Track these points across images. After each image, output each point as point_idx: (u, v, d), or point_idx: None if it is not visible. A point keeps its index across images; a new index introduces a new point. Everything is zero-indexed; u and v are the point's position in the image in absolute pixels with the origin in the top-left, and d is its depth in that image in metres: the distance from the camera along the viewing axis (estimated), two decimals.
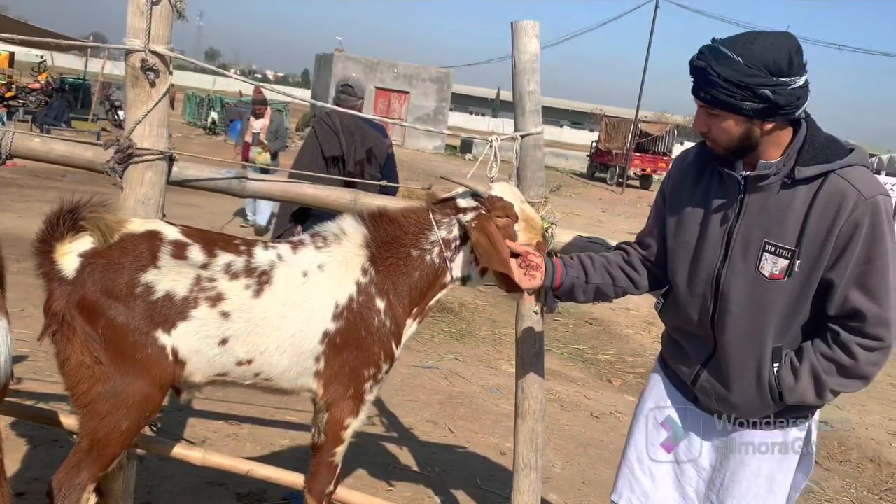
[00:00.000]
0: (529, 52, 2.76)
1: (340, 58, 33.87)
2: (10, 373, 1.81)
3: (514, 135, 2.80)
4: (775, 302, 2.04)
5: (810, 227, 1.98)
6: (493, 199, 2.50)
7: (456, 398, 5.52)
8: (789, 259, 2.00)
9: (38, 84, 22.46)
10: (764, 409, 2.14)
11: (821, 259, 1.98)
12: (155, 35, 2.48)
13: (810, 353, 2.04)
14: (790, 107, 1.95)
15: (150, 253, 2.26)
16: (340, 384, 2.46)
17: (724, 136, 2.03)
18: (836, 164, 1.98)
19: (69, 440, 3.53)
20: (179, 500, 3.40)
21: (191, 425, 4.20)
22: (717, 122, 2.02)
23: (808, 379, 2.04)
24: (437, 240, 2.51)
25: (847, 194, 1.94)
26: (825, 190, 1.97)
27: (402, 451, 4.40)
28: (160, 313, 2.24)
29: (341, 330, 2.41)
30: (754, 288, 2.06)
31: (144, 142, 2.54)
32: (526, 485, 2.90)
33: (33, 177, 12.02)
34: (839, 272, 1.97)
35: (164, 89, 2.54)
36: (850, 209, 1.94)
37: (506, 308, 8.41)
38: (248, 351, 2.34)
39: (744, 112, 1.95)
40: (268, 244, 2.47)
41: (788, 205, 2.01)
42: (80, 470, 2.26)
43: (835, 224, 1.95)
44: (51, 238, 2.23)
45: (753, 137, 2.01)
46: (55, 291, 2.22)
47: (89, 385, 2.20)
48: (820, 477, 5.08)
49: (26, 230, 7.35)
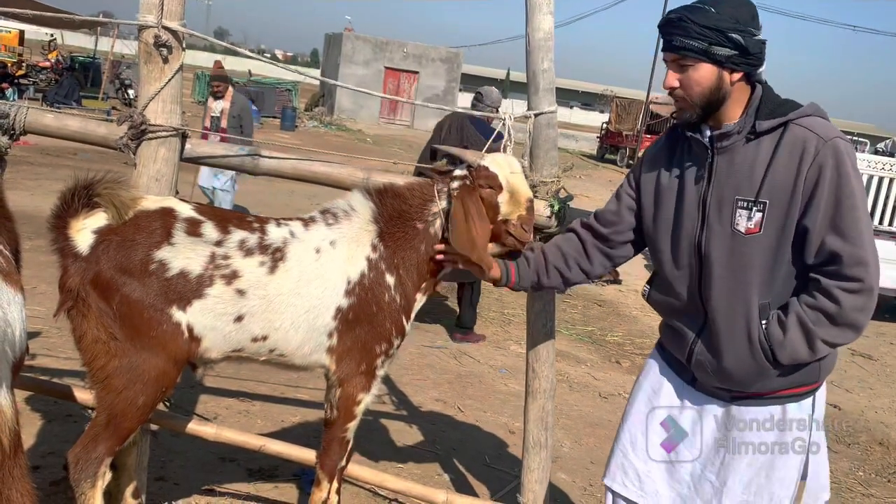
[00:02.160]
0: (543, 30, 2.74)
1: (350, 37, 33.69)
2: (25, 347, 1.83)
3: (528, 113, 2.78)
4: (755, 256, 2.07)
5: (776, 176, 2.02)
6: (478, 169, 2.51)
7: (465, 378, 5.55)
8: (761, 211, 2.04)
9: (48, 62, 22.47)
10: (760, 375, 2.12)
11: (791, 207, 2.01)
12: (168, 11, 2.47)
13: (796, 305, 2.05)
14: (755, 58, 2.04)
15: (164, 230, 2.27)
16: (353, 360, 2.48)
17: (697, 89, 2.08)
18: (792, 114, 2.04)
19: (83, 415, 3.58)
20: (192, 475, 3.44)
21: (203, 401, 4.23)
22: (690, 74, 2.08)
23: (796, 331, 2.04)
24: (439, 210, 2.52)
25: (807, 139, 2.00)
26: (786, 139, 2.03)
27: (410, 430, 4.43)
28: (175, 290, 2.26)
29: (353, 306, 2.43)
30: (733, 246, 2.09)
31: (158, 118, 2.54)
32: (536, 463, 2.92)
33: (45, 155, 12.05)
34: (811, 218, 1.99)
35: (177, 66, 2.54)
36: (812, 153, 1.98)
37: None
38: (263, 327, 2.36)
39: (716, 57, 2.03)
40: (280, 221, 2.48)
41: (754, 159, 2.06)
42: (97, 444, 2.29)
43: (800, 170, 1.99)
44: (65, 214, 2.24)
45: (723, 89, 2.07)
46: (70, 268, 2.24)
47: (106, 360, 2.23)
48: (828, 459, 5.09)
49: (38, 208, 7.38)
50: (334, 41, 35.24)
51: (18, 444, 1.52)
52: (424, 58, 34.22)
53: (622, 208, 2.43)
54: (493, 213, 2.50)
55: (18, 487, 1.48)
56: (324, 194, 2.68)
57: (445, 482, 3.80)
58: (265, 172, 2.76)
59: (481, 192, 2.49)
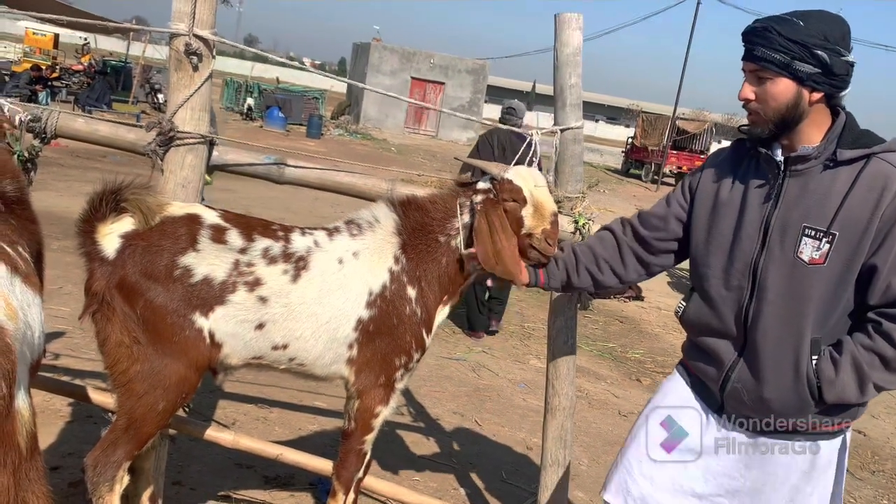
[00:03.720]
0: (572, 45, 2.73)
1: (377, 47, 33.93)
2: (43, 348, 1.84)
3: (554, 129, 2.77)
4: (815, 288, 1.97)
5: (852, 209, 1.92)
6: (502, 183, 2.48)
7: (483, 391, 5.52)
8: (830, 243, 1.94)
9: (80, 66, 22.86)
10: (801, 409, 2.03)
11: (862, 243, 1.91)
12: (199, 19, 2.49)
13: (851, 345, 1.96)
14: (840, 80, 1.95)
15: (189, 236, 2.28)
16: (372, 372, 2.47)
17: (772, 103, 1.98)
18: (877, 147, 1.95)
19: (103, 417, 3.60)
20: (209, 481, 3.44)
21: (221, 407, 4.25)
22: (767, 87, 1.98)
23: (849, 371, 1.94)
24: (460, 225, 2.51)
25: (890, 177, 1.90)
26: (867, 172, 1.93)
27: (428, 442, 4.41)
28: (198, 296, 2.27)
29: (374, 318, 2.43)
30: (793, 274, 1.99)
31: (186, 125, 2.56)
32: (553, 481, 2.89)
33: (75, 157, 12.24)
34: (882, 257, 1.90)
35: (206, 73, 2.56)
36: (893, 191, 1.89)
37: (535, 302, 8.37)
38: (284, 336, 2.36)
39: (798, 74, 1.93)
40: (305, 230, 2.48)
41: (829, 187, 1.96)
42: (115, 448, 2.30)
43: (878, 207, 1.90)
44: (93, 218, 2.26)
45: (801, 107, 1.97)
46: (96, 271, 2.26)
47: (128, 365, 2.24)
48: (852, 486, 4.98)
49: (66, 209, 7.49)
50: (362, 50, 35.49)
51: (35, 447, 1.53)
52: (451, 69, 34.33)
53: (670, 215, 2.33)
54: (517, 226, 2.47)
55: (35, 490, 1.49)
56: (347, 202, 2.69)
57: (461, 496, 3.78)
58: (291, 181, 2.77)
59: (505, 205, 2.46)
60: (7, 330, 1.42)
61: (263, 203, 10.91)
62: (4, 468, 1.37)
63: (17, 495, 1.40)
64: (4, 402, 1.37)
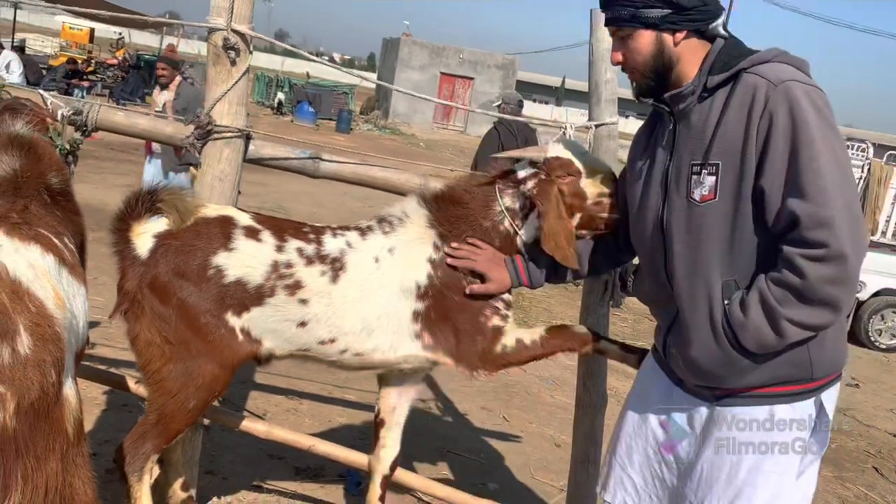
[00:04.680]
0: (607, 41, 2.68)
1: (407, 42, 33.97)
2: (86, 338, 1.89)
3: (589, 124, 2.76)
4: (712, 228, 1.82)
5: (727, 133, 1.78)
6: (550, 162, 2.38)
7: (511, 387, 5.52)
8: (714, 174, 1.80)
9: (115, 60, 23.24)
10: (729, 366, 1.84)
11: (744, 166, 1.76)
12: (237, 14, 2.52)
13: (760, 281, 1.78)
14: (697, 12, 1.84)
15: (222, 236, 2.29)
16: (465, 344, 2.41)
17: (639, 58, 1.91)
18: (744, 62, 1.80)
19: (140, 405, 3.67)
20: (240, 471, 3.49)
21: (253, 398, 4.30)
22: (629, 44, 1.91)
23: (757, 309, 1.75)
24: (503, 209, 2.42)
25: (758, 86, 1.75)
26: (737, 91, 1.79)
27: (456, 437, 4.43)
28: (232, 296, 2.27)
29: (432, 305, 2.39)
30: (690, 218, 1.86)
31: (223, 119, 2.59)
32: (584, 478, 2.88)
33: (110, 150, 12.44)
34: (768, 177, 1.73)
35: (244, 68, 2.59)
36: (762, 101, 1.73)
37: (563, 299, 8.34)
38: (331, 331, 2.35)
39: (647, 20, 1.85)
40: (336, 231, 2.47)
41: (706, 118, 1.84)
42: (144, 441, 2.33)
43: (749, 122, 1.74)
44: (128, 217, 2.29)
45: (666, 53, 1.88)
46: (128, 270, 2.28)
47: (160, 364, 2.26)
48: (886, 490, 4.91)
49: (101, 201, 7.63)
50: (392, 45, 35.57)
51: (82, 433, 1.57)
52: (480, 64, 34.26)
53: (619, 197, 2.27)
54: (581, 199, 2.35)
55: (81, 475, 1.53)
56: (376, 197, 2.68)
57: (490, 492, 3.78)
58: (325, 176, 2.79)
59: (560, 183, 2.35)
60: (56, 319, 1.46)
61: (294, 197, 11.01)
62: (53, 453, 1.41)
63: (65, 479, 1.44)
64: (54, 390, 1.41)
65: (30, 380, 1.36)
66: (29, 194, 1.88)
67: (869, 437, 6.00)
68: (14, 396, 1.33)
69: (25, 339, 1.37)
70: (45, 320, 1.44)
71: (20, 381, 1.34)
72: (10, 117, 2.19)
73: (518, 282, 2.42)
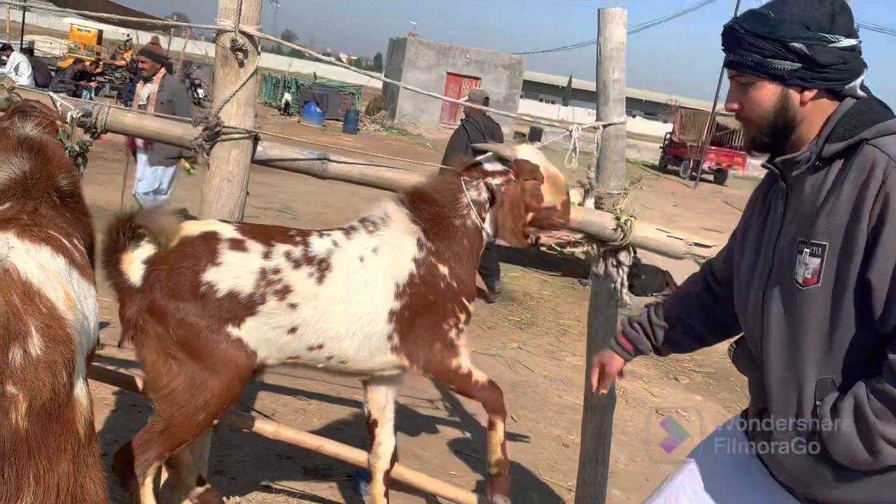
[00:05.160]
0: (615, 40, 2.71)
1: (414, 42, 33.95)
2: (97, 339, 1.90)
3: (596, 124, 2.76)
4: (811, 315, 1.60)
5: (837, 212, 1.55)
6: (520, 163, 2.59)
7: (519, 387, 5.51)
8: (820, 256, 1.57)
9: (123, 61, 23.31)
10: (816, 475, 1.62)
11: (850, 250, 1.52)
12: (245, 15, 2.53)
13: (859, 387, 1.52)
14: (833, 70, 1.61)
15: (208, 252, 2.31)
16: (424, 345, 2.49)
17: (757, 111, 1.70)
18: (867, 132, 1.56)
19: (148, 405, 3.69)
20: (249, 471, 3.50)
21: (261, 398, 4.31)
22: (750, 94, 1.70)
23: (849, 420, 1.51)
24: (470, 202, 2.57)
25: (876, 161, 1.51)
26: (855, 164, 1.55)
27: (464, 436, 4.43)
28: (227, 309, 2.29)
29: (407, 305, 2.45)
30: (789, 300, 1.65)
31: (231, 120, 2.60)
32: (592, 478, 2.88)
33: (117, 151, 12.43)
34: (878, 270, 1.48)
35: (252, 69, 2.59)
36: (879, 179, 1.49)
37: (571, 299, 8.33)
38: (318, 337, 2.38)
39: (775, 72, 1.64)
40: (322, 232, 2.50)
41: (818, 192, 1.61)
42: (148, 448, 2.34)
43: (863, 202, 1.50)
44: (114, 250, 2.30)
45: (790, 109, 1.67)
46: (126, 300, 2.30)
47: (168, 380, 2.29)
48: None
49: (109, 202, 7.64)
50: (398, 46, 35.57)
51: (93, 434, 1.58)
52: (487, 64, 34.21)
53: (728, 257, 2.02)
54: (538, 201, 2.59)
55: (92, 476, 1.53)
56: (383, 197, 2.69)
57: None
58: (333, 177, 2.79)
59: (525, 184, 2.57)
60: (67, 320, 1.47)
61: (301, 198, 11.03)
62: (65, 454, 1.41)
63: (77, 481, 1.44)
64: (65, 391, 1.42)
65: (41, 381, 1.37)
66: (39, 196, 1.89)
67: None
68: (26, 398, 1.34)
69: (37, 340, 1.38)
70: (57, 322, 1.45)
71: (32, 383, 1.35)
72: (20, 119, 2.20)
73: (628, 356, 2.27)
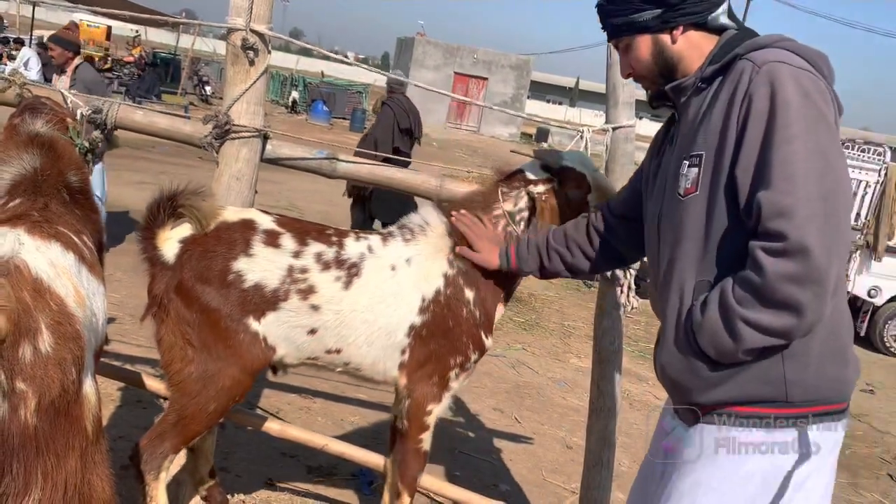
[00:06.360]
0: None
1: (421, 42, 33.97)
2: (105, 335, 1.90)
3: (606, 127, 2.75)
4: (689, 221, 1.68)
5: (711, 123, 1.65)
6: (564, 171, 2.44)
7: (523, 388, 5.51)
8: (698, 165, 1.66)
9: (132, 57, 23.40)
10: (692, 373, 1.67)
11: (721, 155, 1.61)
12: (256, 14, 2.53)
13: (726, 280, 1.60)
14: (690, 4, 1.73)
15: (243, 241, 2.31)
16: (424, 372, 2.45)
17: (641, 65, 1.83)
18: (740, 48, 1.66)
19: (154, 402, 3.70)
20: (253, 468, 3.50)
21: (266, 396, 4.31)
22: (632, 55, 1.84)
23: (714, 308, 1.58)
24: (504, 212, 2.45)
25: (744, 70, 1.60)
26: (728, 78, 1.65)
27: (468, 437, 4.43)
28: (251, 301, 2.29)
29: (427, 322, 2.40)
30: (673, 213, 1.74)
31: (241, 119, 2.60)
32: (597, 482, 2.88)
33: (125, 147, 12.50)
34: (741, 166, 1.57)
35: (262, 68, 2.59)
36: (745, 84, 1.58)
37: (575, 301, 8.32)
38: (338, 341, 2.37)
39: (641, 25, 1.77)
40: (360, 235, 2.48)
41: (698, 109, 1.73)
42: (163, 440, 2.35)
43: (731, 109, 1.60)
44: (153, 225, 2.31)
45: (666, 53, 1.79)
46: (156, 275, 2.31)
47: (182, 366, 2.29)
48: None
49: (116, 198, 7.67)
50: (406, 45, 35.58)
51: (100, 431, 1.58)
52: (494, 64, 34.20)
53: (631, 194, 2.13)
54: (579, 211, 2.41)
55: (99, 472, 1.54)
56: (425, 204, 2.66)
57: (501, 493, 3.78)
58: (342, 176, 2.79)
59: (570, 193, 2.43)
60: (76, 317, 1.47)
61: (307, 196, 11.04)
62: (73, 451, 1.42)
63: (84, 477, 1.45)
64: (74, 388, 1.42)
65: (51, 378, 1.37)
66: (49, 193, 1.90)
67: (884, 443, 5.96)
68: (35, 394, 1.34)
69: (47, 337, 1.38)
70: (66, 318, 1.45)
71: (41, 380, 1.36)
72: (31, 116, 2.21)
73: (507, 263, 2.36)
